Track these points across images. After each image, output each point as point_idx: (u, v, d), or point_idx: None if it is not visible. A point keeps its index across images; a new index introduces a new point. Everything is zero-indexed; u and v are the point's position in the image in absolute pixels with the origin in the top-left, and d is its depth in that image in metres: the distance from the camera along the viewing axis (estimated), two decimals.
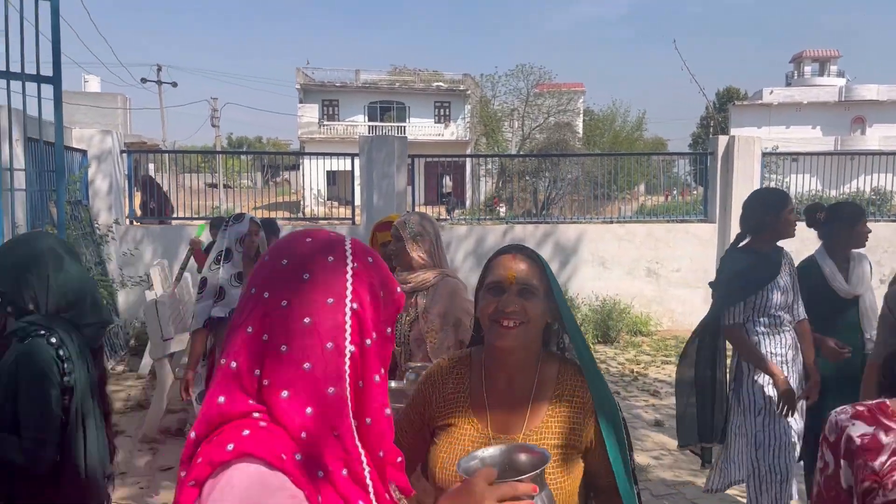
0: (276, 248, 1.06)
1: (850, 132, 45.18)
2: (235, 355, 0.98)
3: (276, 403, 0.95)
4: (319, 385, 0.96)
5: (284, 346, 0.96)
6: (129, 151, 9.70)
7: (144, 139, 30.23)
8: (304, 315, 0.98)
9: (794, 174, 11.58)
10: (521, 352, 1.60)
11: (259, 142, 62.90)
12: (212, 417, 0.97)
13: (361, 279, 1.02)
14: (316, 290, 0.99)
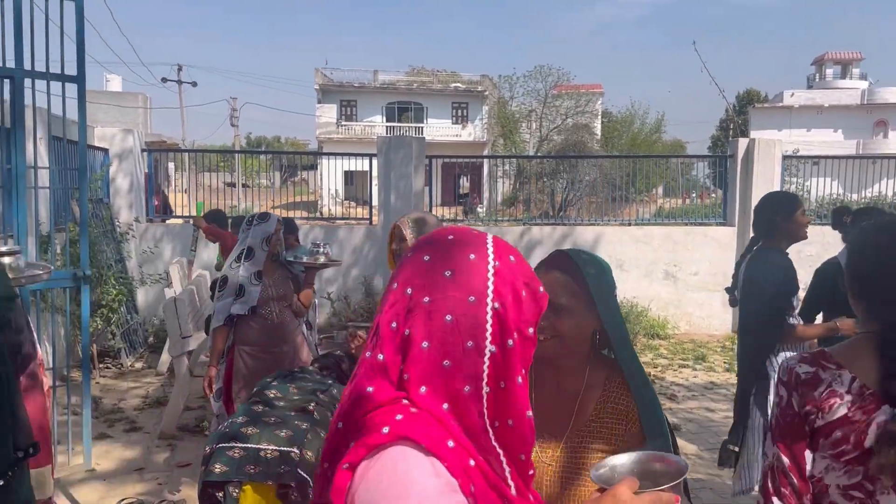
0: (420, 245, 1.07)
1: (872, 136, 44.67)
2: (381, 348, 1.00)
3: (416, 397, 0.97)
4: (457, 383, 0.97)
5: (426, 342, 0.97)
6: (149, 150, 9.79)
7: (164, 138, 30.50)
8: (445, 312, 0.98)
9: (814, 178, 11.48)
10: (565, 358, 1.62)
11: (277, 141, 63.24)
12: (362, 406, 0.98)
13: (503, 277, 1.02)
14: (458, 288, 1.00)
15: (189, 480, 4.50)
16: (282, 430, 2.70)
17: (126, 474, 4.67)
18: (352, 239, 9.32)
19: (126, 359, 7.52)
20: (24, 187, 4.01)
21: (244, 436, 2.67)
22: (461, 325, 0.98)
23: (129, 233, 8.47)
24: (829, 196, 11.68)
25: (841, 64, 50.42)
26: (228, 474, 2.60)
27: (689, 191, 13.53)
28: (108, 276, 7.26)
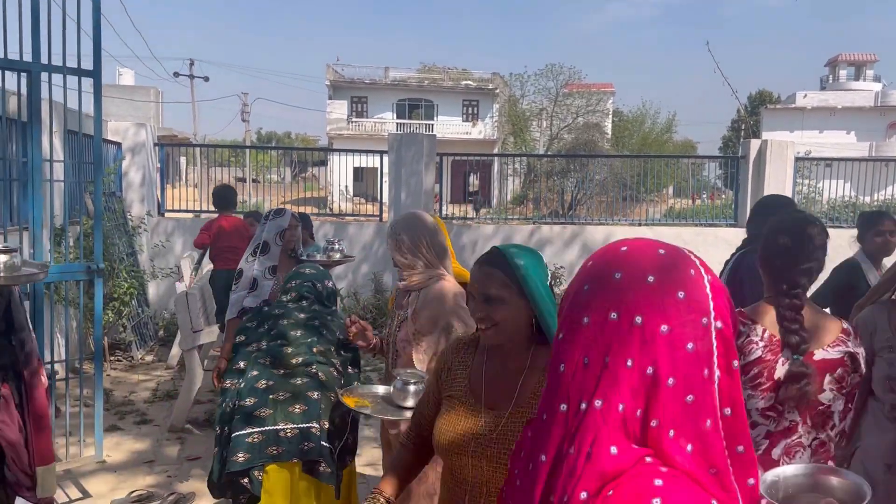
0: (626, 266, 0.92)
1: (885, 138, 44.32)
2: (619, 396, 0.87)
3: (664, 445, 0.87)
4: (700, 418, 0.87)
5: (671, 379, 0.86)
6: (161, 144, 9.85)
7: (175, 132, 30.65)
8: (686, 341, 0.88)
9: (827, 180, 11.42)
10: (508, 343, 1.78)
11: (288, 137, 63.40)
12: (606, 472, 0.85)
13: (719, 293, 0.92)
14: (691, 310, 0.89)
15: (199, 473, 4.53)
16: (296, 406, 2.72)
17: (136, 466, 4.71)
18: (361, 236, 9.34)
19: (137, 352, 7.57)
20: (40, 180, 4.05)
21: (259, 419, 2.70)
22: (700, 352, 0.88)
23: (140, 226, 8.52)
24: (841, 198, 11.62)
25: (855, 65, 50.07)
26: (252, 460, 2.64)
27: (700, 191, 13.49)
28: (119, 269, 7.31)
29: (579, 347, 0.91)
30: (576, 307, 0.94)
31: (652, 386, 0.87)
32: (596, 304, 0.91)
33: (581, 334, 0.91)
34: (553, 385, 0.93)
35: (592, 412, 0.88)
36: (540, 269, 1.77)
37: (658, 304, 0.88)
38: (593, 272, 0.95)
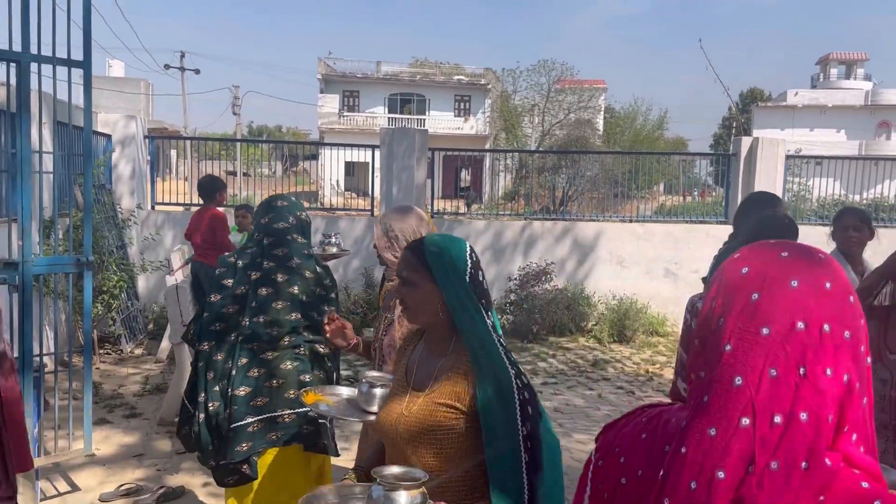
0: (801, 272, 0.92)
1: (874, 136, 44.63)
2: (826, 407, 0.87)
3: (850, 449, 0.88)
4: (869, 420, 0.90)
5: (858, 384, 0.88)
6: (152, 137, 9.79)
7: (166, 125, 30.49)
8: (861, 344, 0.90)
9: (817, 178, 11.48)
10: (431, 328, 1.88)
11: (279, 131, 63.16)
12: (824, 485, 0.86)
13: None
14: (857, 314, 0.91)
15: (188, 467, 4.52)
16: (289, 391, 2.73)
17: (125, 460, 4.69)
18: (352, 230, 9.33)
19: (126, 345, 7.54)
20: (29, 172, 4.01)
21: (256, 408, 2.70)
22: (865, 354, 0.90)
23: (130, 219, 8.48)
24: (831, 197, 11.69)
25: (845, 64, 50.33)
26: (254, 447, 2.67)
27: (691, 188, 13.54)
28: (109, 262, 7.27)
29: (760, 358, 0.89)
30: (748, 317, 0.91)
31: (847, 393, 0.87)
32: (776, 314, 0.90)
33: (759, 345, 0.90)
34: (724, 399, 0.90)
35: (797, 424, 0.86)
36: (454, 258, 1.80)
37: (838, 309, 0.89)
38: (761, 280, 0.93)
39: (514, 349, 8.12)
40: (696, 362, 0.98)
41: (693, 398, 0.96)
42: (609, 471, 1.09)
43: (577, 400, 6.31)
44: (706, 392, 0.92)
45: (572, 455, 4.95)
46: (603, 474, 1.10)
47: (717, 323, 0.94)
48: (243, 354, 2.75)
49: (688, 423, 0.94)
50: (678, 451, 0.94)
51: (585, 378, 7.04)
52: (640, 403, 6.24)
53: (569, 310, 8.82)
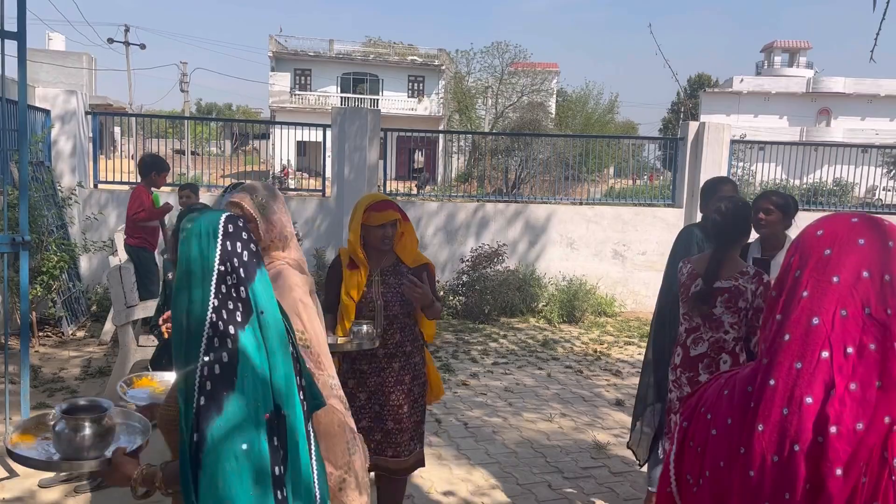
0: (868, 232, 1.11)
1: (815, 123, 45.95)
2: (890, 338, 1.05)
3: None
4: None
5: None
6: (94, 113, 9.47)
7: (110, 101, 29.54)
8: None
9: (760, 163, 11.77)
10: None
11: (229, 109, 61.81)
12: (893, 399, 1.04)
13: None
14: None
15: None
16: None
17: None
18: (304, 211, 9.21)
19: (67, 327, 7.33)
20: None
21: None
22: None
23: (71, 198, 8.20)
24: (773, 181, 12.01)
25: (789, 52, 51.58)
26: None
27: (640, 172, 13.74)
28: (48, 242, 7.04)
29: (833, 302, 1.07)
30: (821, 269, 1.10)
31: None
32: (845, 266, 1.09)
33: (832, 291, 1.08)
34: (805, 336, 1.08)
35: (868, 353, 1.05)
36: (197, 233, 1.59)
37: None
38: (833, 239, 1.11)
39: (466, 330, 8.16)
40: (774, 307, 1.15)
41: (773, 337, 1.12)
42: (697, 427, 1.22)
43: (528, 379, 6.38)
44: (787, 331, 1.10)
45: (522, 434, 5.01)
46: (691, 432, 1.24)
47: (794, 275, 1.13)
48: None
49: (772, 359, 1.11)
50: (766, 384, 1.11)
51: (535, 358, 7.13)
52: (588, 383, 6.31)
53: (520, 291, 8.90)
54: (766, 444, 1.09)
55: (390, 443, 3.17)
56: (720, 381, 1.23)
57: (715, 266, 3.03)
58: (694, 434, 1.22)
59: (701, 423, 1.21)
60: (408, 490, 4.02)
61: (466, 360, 6.91)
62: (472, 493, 4.04)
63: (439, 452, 4.59)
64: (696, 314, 3.10)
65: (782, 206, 3.54)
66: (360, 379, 3.16)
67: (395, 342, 3.16)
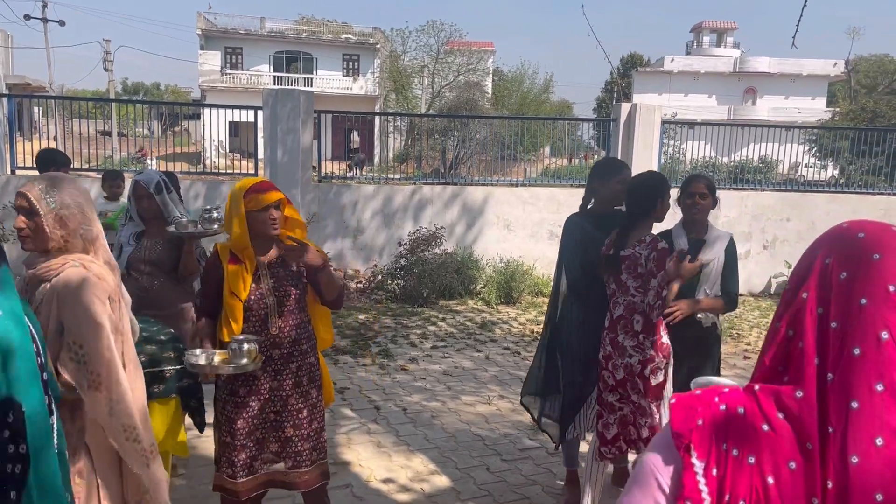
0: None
1: (742, 102, 47.38)
2: None
3: None
4: None
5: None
6: (10, 95, 9.01)
7: (29, 80, 28.14)
8: None
9: (690, 141, 12.08)
10: None
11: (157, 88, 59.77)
12: None
13: None
14: None
15: None
16: (168, 350, 3.02)
17: None
18: None
19: None
20: None
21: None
22: None
23: None
24: (703, 159, 12.35)
25: (717, 32, 52.86)
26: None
27: (575, 151, 13.93)
28: None
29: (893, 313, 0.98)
30: (875, 275, 1.00)
31: None
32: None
33: (891, 301, 0.99)
34: (877, 351, 0.97)
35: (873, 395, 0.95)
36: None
37: None
38: (878, 243, 1.03)
39: (405, 314, 8.15)
40: (809, 307, 1.03)
41: (832, 350, 1.00)
42: (738, 477, 0.99)
43: (466, 362, 6.43)
44: (856, 344, 0.98)
45: (460, 418, 5.05)
46: (729, 483, 0.99)
47: (838, 278, 1.02)
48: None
49: (845, 378, 0.98)
50: (847, 408, 0.96)
51: (474, 340, 7.18)
52: (526, 364, 6.38)
53: (458, 273, 8.93)
54: (865, 480, 0.93)
55: (289, 453, 2.90)
56: (733, 412, 1.03)
57: (623, 236, 3.31)
58: (733, 486, 0.99)
59: (741, 471, 0.99)
60: (347, 479, 4.02)
61: (405, 345, 6.91)
62: (412, 480, 4.05)
63: (378, 440, 4.59)
64: (609, 280, 3.36)
65: (713, 189, 3.62)
66: (253, 386, 2.86)
67: (291, 340, 2.89)
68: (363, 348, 6.67)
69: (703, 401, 1.05)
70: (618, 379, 3.33)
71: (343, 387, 5.59)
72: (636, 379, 3.27)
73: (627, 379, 3.30)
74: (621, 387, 3.32)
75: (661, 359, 3.24)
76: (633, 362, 3.27)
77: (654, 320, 3.22)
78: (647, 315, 3.22)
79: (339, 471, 4.11)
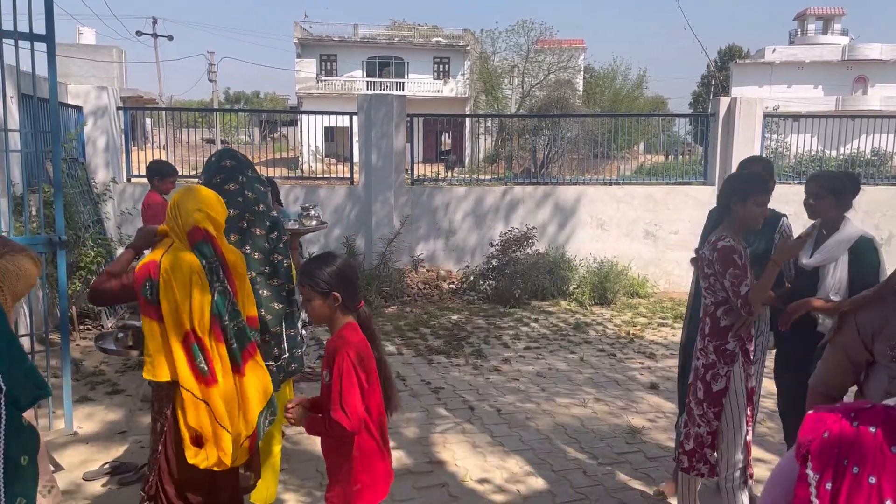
0: None
1: (851, 92, 44.73)
2: None
3: None
4: None
5: None
6: (125, 108, 9.59)
7: (141, 93, 29.89)
8: None
9: (794, 134, 11.51)
10: None
11: (256, 97, 62.17)
12: None
13: None
14: None
15: None
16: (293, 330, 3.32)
17: (109, 437, 4.68)
18: (333, 199, 9.25)
19: (107, 321, 7.48)
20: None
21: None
22: None
23: (106, 193, 8.34)
24: (808, 153, 11.74)
25: (823, 19, 50.11)
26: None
27: (671, 148, 13.53)
28: (85, 237, 7.17)
29: None
30: None
31: None
32: None
33: None
34: None
35: None
36: None
37: None
38: None
39: (497, 314, 8.15)
40: None
41: None
42: (855, 494, 0.96)
43: (560, 364, 6.36)
44: None
45: (555, 420, 5.00)
46: (844, 500, 0.97)
47: None
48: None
49: None
50: None
51: (567, 342, 7.10)
52: (622, 366, 6.26)
53: (550, 274, 8.86)
54: None
55: None
56: (858, 424, 0.98)
57: (703, 236, 3.37)
58: (848, 503, 0.97)
59: (858, 489, 0.96)
60: (443, 478, 4.06)
61: (498, 345, 6.91)
62: (507, 481, 4.05)
63: (473, 440, 4.61)
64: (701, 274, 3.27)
65: (833, 188, 3.40)
66: None
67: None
68: (456, 349, 6.72)
69: (838, 415, 1.00)
70: (690, 381, 3.31)
71: (437, 386, 5.65)
72: (698, 382, 3.22)
73: (692, 382, 3.27)
74: (691, 390, 3.28)
75: (721, 365, 3.13)
76: (698, 364, 3.23)
77: (722, 324, 3.13)
78: (715, 318, 3.16)
79: (434, 469, 4.16)
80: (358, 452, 2.40)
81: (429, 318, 7.92)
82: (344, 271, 2.46)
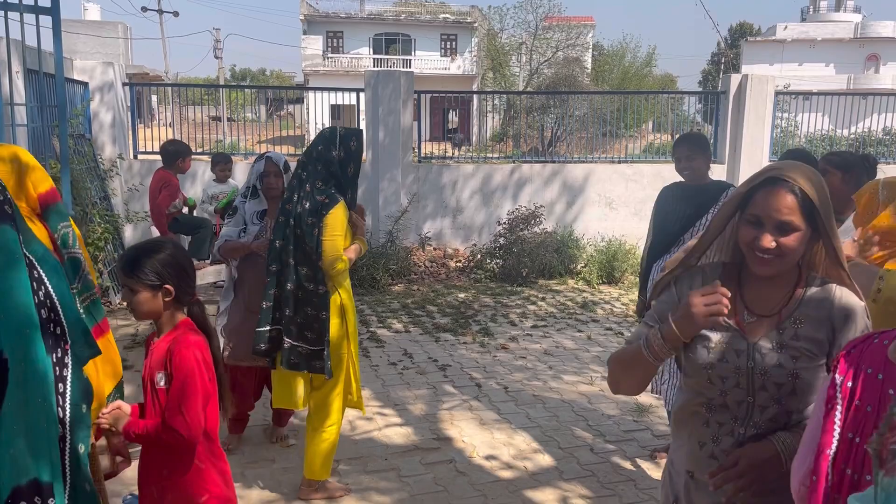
0: None
1: (863, 70, 44.24)
2: None
3: None
4: None
5: None
6: (131, 84, 9.54)
7: (147, 70, 29.79)
8: None
9: (805, 113, 11.39)
10: None
11: (262, 74, 61.92)
12: None
13: None
14: None
15: None
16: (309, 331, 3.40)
17: None
18: None
19: (115, 297, 7.50)
20: (3, 125, 3.90)
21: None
22: None
23: (113, 169, 8.33)
24: (819, 132, 11.62)
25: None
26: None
27: (680, 126, 13.42)
28: (93, 213, 7.17)
29: None
30: None
31: None
32: None
33: None
34: None
35: None
36: None
37: None
38: None
39: (504, 293, 8.14)
40: None
41: None
42: (866, 388, 1.26)
43: (567, 342, 6.36)
44: None
45: (563, 397, 5.01)
46: (860, 393, 1.27)
47: None
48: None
49: None
50: None
51: (575, 320, 7.09)
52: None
53: (558, 253, 8.83)
54: None
55: None
56: (880, 342, 1.28)
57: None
58: (863, 394, 1.26)
59: (870, 385, 1.25)
60: (450, 454, 4.07)
61: (505, 324, 6.90)
62: (515, 458, 4.06)
63: (480, 416, 4.62)
64: None
65: (842, 165, 3.34)
66: None
67: None
68: (463, 326, 6.72)
69: (870, 337, 1.32)
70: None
71: (444, 364, 5.65)
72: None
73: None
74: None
75: None
76: None
77: None
78: None
79: (441, 446, 4.17)
80: (199, 461, 2.23)
81: (436, 296, 7.92)
82: (178, 260, 2.23)
